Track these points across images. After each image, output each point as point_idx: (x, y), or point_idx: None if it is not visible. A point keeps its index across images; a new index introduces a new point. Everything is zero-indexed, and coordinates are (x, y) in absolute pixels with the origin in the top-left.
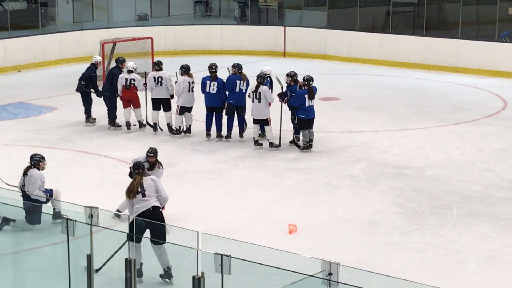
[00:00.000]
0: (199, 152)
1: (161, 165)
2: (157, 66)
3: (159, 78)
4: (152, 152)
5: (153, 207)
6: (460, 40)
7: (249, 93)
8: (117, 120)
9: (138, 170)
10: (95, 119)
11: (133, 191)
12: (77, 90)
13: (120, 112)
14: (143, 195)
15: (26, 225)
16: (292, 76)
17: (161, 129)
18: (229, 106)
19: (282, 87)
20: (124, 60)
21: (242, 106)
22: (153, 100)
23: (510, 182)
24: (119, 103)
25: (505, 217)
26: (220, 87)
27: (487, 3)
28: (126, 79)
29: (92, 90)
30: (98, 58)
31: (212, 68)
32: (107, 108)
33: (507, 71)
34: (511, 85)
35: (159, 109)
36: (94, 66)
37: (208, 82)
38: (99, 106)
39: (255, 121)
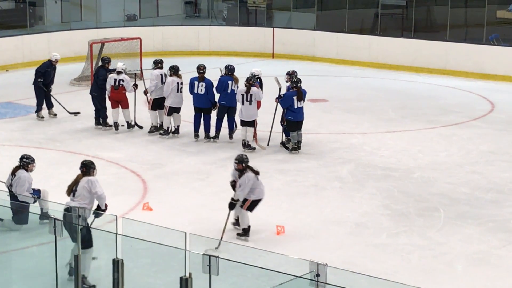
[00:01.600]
0: (187, 153)
1: (252, 171)
2: (160, 64)
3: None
4: (237, 159)
5: (70, 207)
6: (449, 43)
7: (241, 95)
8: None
9: (82, 169)
10: (43, 116)
11: (69, 189)
12: (46, 90)
13: (109, 113)
14: (73, 195)
15: (13, 225)
16: (290, 75)
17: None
18: (221, 107)
19: (280, 88)
20: (109, 60)
21: (233, 107)
22: (157, 100)
23: (497, 184)
24: (108, 103)
25: (492, 219)
26: (208, 88)
27: (475, 6)
28: (115, 80)
29: (40, 82)
30: (57, 57)
31: (200, 69)
32: (95, 109)
33: (495, 74)
34: (499, 87)
35: (160, 108)
36: (49, 62)
37: (196, 83)
38: (88, 106)
39: (244, 123)
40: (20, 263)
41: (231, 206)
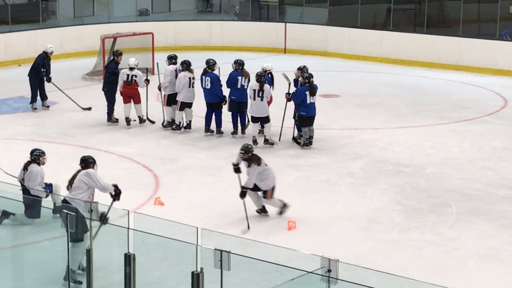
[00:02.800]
0: (199, 148)
1: (258, 161)
2: (174, 59)
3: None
4: (243, 149)
5: (65, 199)
6: (461, 38)
7: (253, 90)
8: (118, 116)
9: (81, 164)
10: (36, 108)
11: (68, 184)
12: (47, 80)
13: (121, 108)
14: (70, 187)
15: (25, 219)
16: (302, 70)
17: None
18: (232, 102)
19: (289, 84)
20: (121, 54)
21: (244, 102)
22: (172, 95)
23: (510, 180)
24: (120, 98)
25: (504, 216)
26: (213, 82)
27: (488, 1)
28: (128, 75)
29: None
30: (53, 48)
31: (206, 63)
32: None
33: (508, 70)
34: None
35: (174, 103)
36: (44, 54)
37: (203, 77)
38: (100, 101)
39: (255, 119)
40: (33, 257)
41: (243, 194)
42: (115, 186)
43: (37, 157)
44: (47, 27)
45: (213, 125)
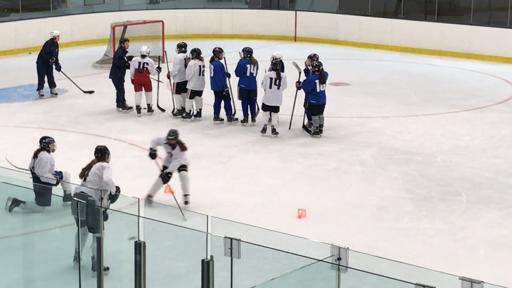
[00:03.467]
0: (209, 136)
1: (183, 147)
2: (184, 47)
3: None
4: (172, 134)
5: (82, 192)
6: (472, 26)
7: (269, 79)
8: (129, 104)
9: (96, 154)
10: (43, 94)
11: (82, 172)
12: (56, 69)
13: (131, 96)
14: (85, 179)
15: (36, 207)
16: (312, 58)
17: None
18: (241, 90)
19: (300, 72)
20: (126, 40)
21: (253, 90)
22: (181, 83)
23: None
24: (129, 86)
25: None
26: (216, 71)
27: None
28: (139, 63)
29: (52, 62)
30: (57, 33)
31: (213, 51)
32: (116, 91)
33: None
34: None
35: (183, 92)
36: (51, 40)
37: (210, 66)
38: (110, 89)
39: (267, 108)
40: (43, 244)
41: (167, 179)
42: (117, 188)
43: (46, 144)
44: (57, 15)
45: (223, 114)
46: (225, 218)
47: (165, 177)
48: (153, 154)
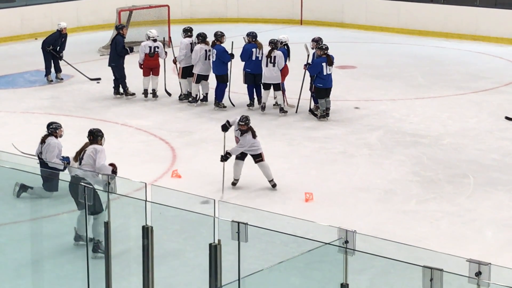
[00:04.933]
0: (216, 120)
1: (254, 134)
2: (190, 32)
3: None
4: (243, 120)
5: (76, 175)
6: (479, 8)
7: (265, 57)
8: (135, 89)
9: (89, 137)
10: (52, 80)
11: (75, 156)
12: (59, 59)
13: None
14: (80, 163)
15: (43, 192)
16: (317, 41)
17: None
18: (247, 74)
19: (308, 55)
20: (124, 26)
21: (259, 74)
22: (187, 68)
23: None
24: (134, 71)
25: None
26: (220, 54)
27: None
28: (150, 47)
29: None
30: (64, 25)
31: (215, 35)
32: (114, 78)
33: None
34: None
35: (189, 76)
36: (58, 33)
37: (212, 50)
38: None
39: (267, 86)
40: (51, 229)
41: (225, 159)
42: (113, 165)
43: (54, 130)
44: (64, 0)
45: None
46: (233, 202)
47: (223, 157)
48: (225, 126)
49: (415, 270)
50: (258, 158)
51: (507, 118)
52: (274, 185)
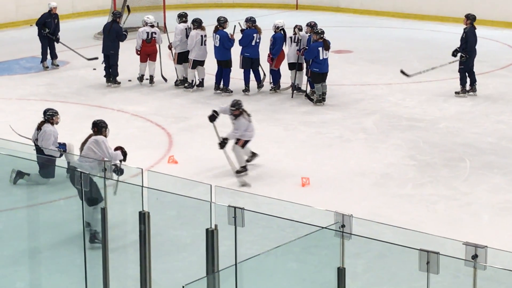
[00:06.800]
0: (212, 106)
1: (247, 114)
2: (185, 17)
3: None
4: (235, 105)
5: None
6: None
7: (289, 37)
8: (129, 75)
9: (93, 129)
10: (48, 66)
11: (80, 147)
12: (55, 40)
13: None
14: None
15: (40, 179)
16: (312, 26)
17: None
18: (245, 59)
19: (300, 39)
20: (121, 15)
21: (257, 58)
22: (182, 53)
23: None
24: (130, 57)
25: None
26: (223, 40)
27: None
28: (148, 33)
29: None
30: (53, 4)
31: (218, 20)
32: (106, 66)
33: None
34: None
35: (185, 62)
36: (48, 13)
37: (213, 35)
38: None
39: (292, 66)
40: (48, 216)
41: (223, 145)
42: (121, 148)
43: (50, 116)
44: None
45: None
46: (229, 188)
47: (221, 143)
48: (213, 116)
49: (412, 253)
50: (237, 141)
51: (402, 72)
52: (238, 172)
